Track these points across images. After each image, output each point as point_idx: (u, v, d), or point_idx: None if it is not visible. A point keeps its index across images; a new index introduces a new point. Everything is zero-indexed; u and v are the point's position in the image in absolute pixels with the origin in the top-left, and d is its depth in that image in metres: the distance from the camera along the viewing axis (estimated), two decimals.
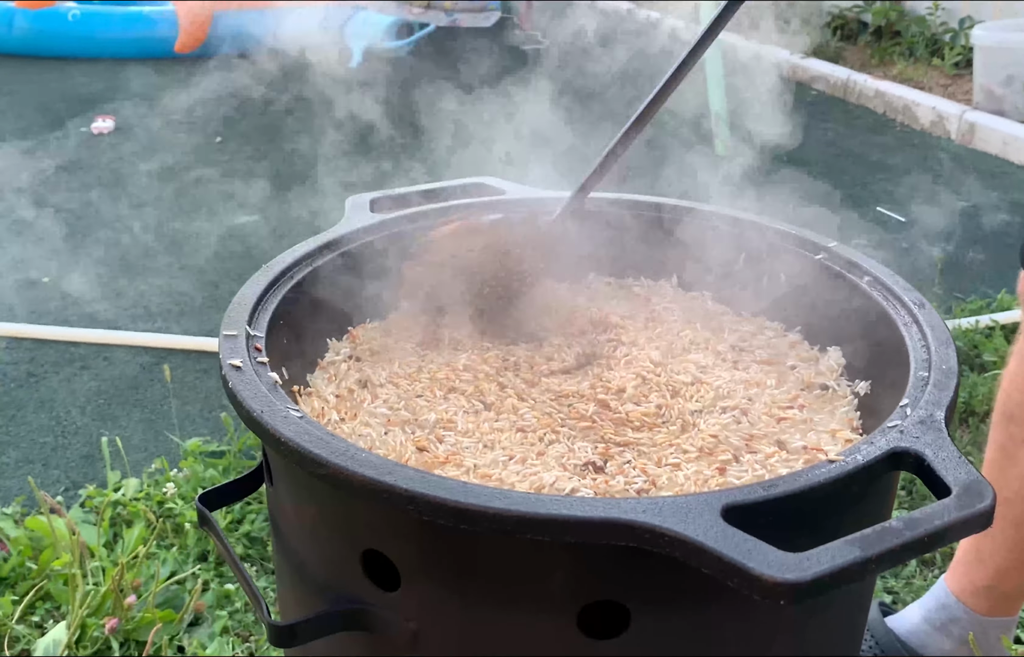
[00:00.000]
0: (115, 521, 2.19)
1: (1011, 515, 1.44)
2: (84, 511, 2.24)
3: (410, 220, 1.22)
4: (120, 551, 2.06)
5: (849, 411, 1.05)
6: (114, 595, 1.88)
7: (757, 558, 0.67)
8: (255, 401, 0.84)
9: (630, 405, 1.05)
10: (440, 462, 0.94)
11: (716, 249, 1.26)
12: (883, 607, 1.72)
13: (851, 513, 0.83)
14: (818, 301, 1.16)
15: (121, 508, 2.21)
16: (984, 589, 1.53)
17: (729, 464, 0.94)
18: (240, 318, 0.97)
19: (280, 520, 0.95)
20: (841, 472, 0.76)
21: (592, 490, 0.90)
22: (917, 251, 3.50)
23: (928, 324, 0.99)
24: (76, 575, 1.89)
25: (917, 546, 0.70)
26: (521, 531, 0.72)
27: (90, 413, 2.60)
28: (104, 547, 2.09)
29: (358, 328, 1.16)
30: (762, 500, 0.73)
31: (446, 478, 0.75)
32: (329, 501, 0.84)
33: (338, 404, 1.03)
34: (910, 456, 0.79)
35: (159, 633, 1.87)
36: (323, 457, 0.77)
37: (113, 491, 2.24)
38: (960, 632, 1.56)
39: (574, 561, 0.77)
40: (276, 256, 1.11)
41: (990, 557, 1.50)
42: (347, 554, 0.85)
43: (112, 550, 2.09)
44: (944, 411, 0.84)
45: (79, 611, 1.87)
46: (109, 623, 1.88)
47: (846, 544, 0.69)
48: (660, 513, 0.71)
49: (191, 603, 1.93)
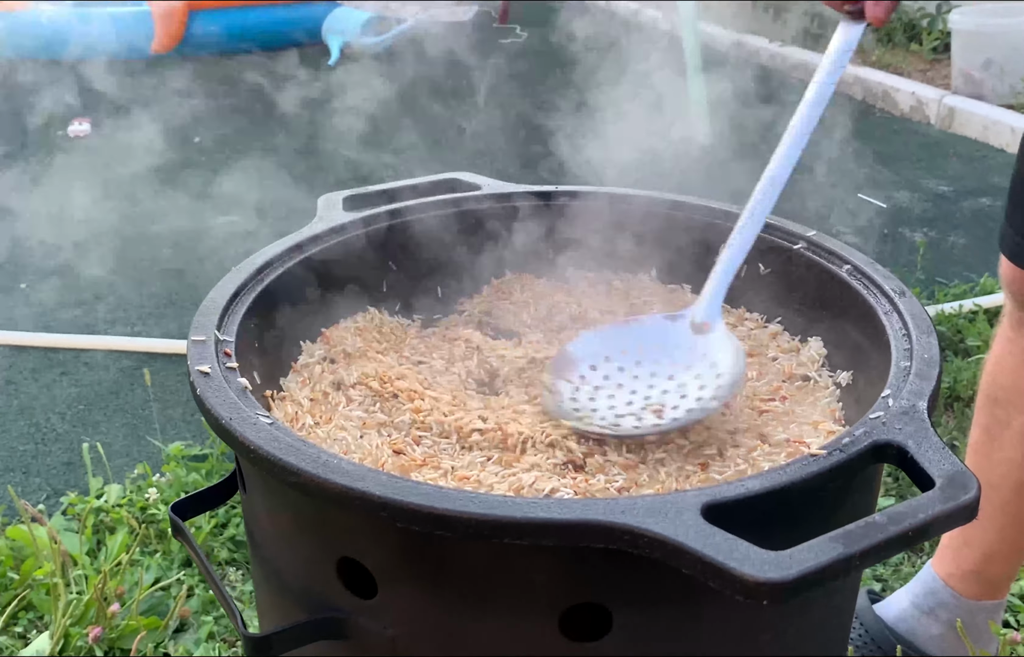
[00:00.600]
0: (98, 528, 2.16)
1: (997, 500, 1.43)
2: (66, 519, 2.22)
3: (384, 218, 1.20)
4: (103, 558, 2.04)
5: (831, 402, 1.03)
6: (97, 603, 1.86)
7: (739, 557, 0.65)
8: (224, 408, 0.82)
9: None
10: (417, 465, 0.92)
11: (695, 240, 1.25)
12: (871, 594, 1.71)
13: (834, 507, 0.82)
14: (798, 291, 1.15)
15: (104, 515, 2.19)
16: (972, 574, 1.52)
17: (712, 459, 0.93)
18: (209, 323, 0.95)
19: (255, 528, 0.93)
20: (823, 467, 0.75)
21: (572, 490, 0.89)
22: (899, 236, 3.50)
23: (909, 312, 0.97)
24: (58, 584, 1.87)
25: (901, 541, 0.69)
26: (498, 536, 0.70)
27: (70, 419, 2.57)
28: (87, 555, 2.07)
29: (331, 329, 1.14)
30: (743, 497, 0.72)
31: (420, 483, 0.73)
32: (302, 509, 0.82)
33: (312, 408, 1.01)
34: (892, 448, 0.78)
35: (143, 641, 1.85)
36: (293, 465, 0.75)
37: (95, 498, 2.22)
38: (948, 616, 1.55)
39: (554, 564, 0.75)
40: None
41: (977, 542, 1.49)
42: (322, 562, 0.83)
43: (95, 558, 2.07)
44: (927, 401, 0.82)
45: (62, 620, 1.85)
46: (92, 632, 1.86)
47: (830, 541, 0.67)
48: (639, 513, 0.70)
49: (176, 609, 1.91)
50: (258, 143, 4.35)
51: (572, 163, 1.44)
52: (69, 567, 1.98)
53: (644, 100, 1.60)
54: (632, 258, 1.28)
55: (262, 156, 4.20)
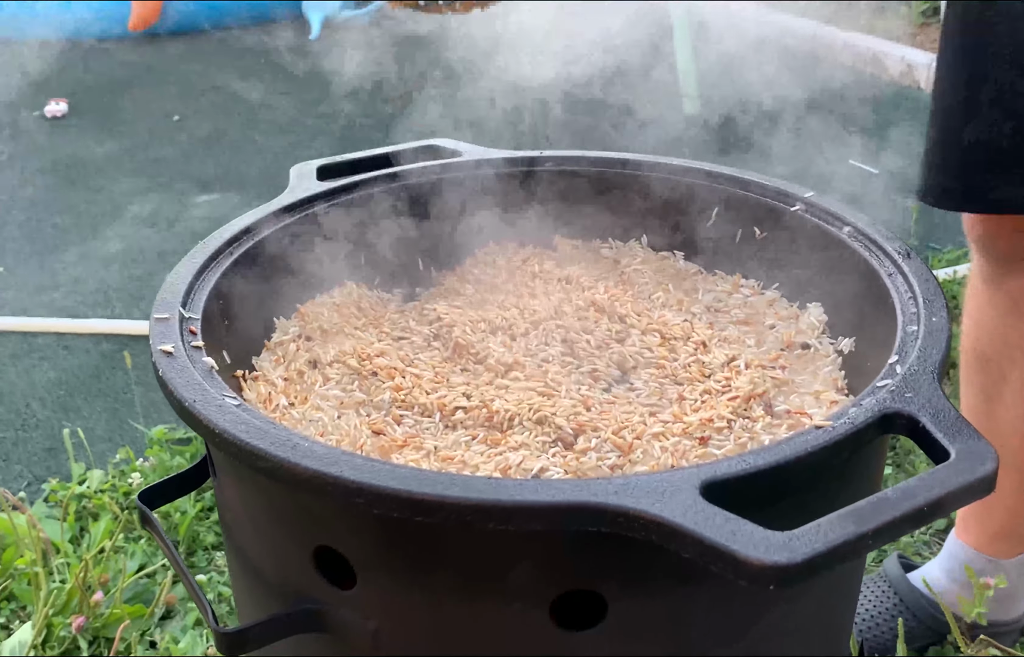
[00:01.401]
0: (80, 515, 2.13)
1: (1009, 458, 1.38)
2: (48, 506, 2.18)
3: (359, 187, 1.14)
4: (86, 546, 2.00)
5: (833, 371, 0.98)
6: (80, 592, 1.81)
7: (741, 539, 0.60)
8: (187, 390, 0.77)
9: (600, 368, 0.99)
10: (398, 446, 0.87)
11: (686, 205, 1.19)
12: (903, 560, 1.68)
13: (840, 482, 0.77)
14: (796, 255, 1.09)
15: (86, 501, 2.15)
16: (1000, 535, 1.49)
17: (711, 434, 0.88)
18: (173, 300, 0.89)
19: (227, 515, 0.88)
20: (829, 439, 0.70)
21: (562, 468, 0.84)
22: (891, 202, 3.45)
23: (915, 275, 0.92)
24: (39, 574, 1.83)
25: (915, 517, 0.64)
26: (482, 521, 0.65)
27: (51, 405, 2.52)
28: (70, 542, 2.03)
29: (307, 305, 1.08)
30: (744, 473, 0.67)
31: (398, 466, 0.68)
32: (274, 495, 0.77)
33: (286, 388, 0.96)
34: (902, 418, 0.73)
35: (128, 629, 1.81)
36: (261, 449, 0.70)
37: (77, 484, 2.18)
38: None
39: (544, 548, 0.70)
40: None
41: (997, 504, 1.45)
42: (297, 551, 0.78)
43: (78, 545, 2.02)
44: (937, 367, 0.77)
45: (44, 610, 1.81)
46: (76, 621, 1.82)
47: (839, 519, 0.63)
48: (633, 493, 0.64)
49: (161, 596, 1.87)
50: (238, 120, 4.27)
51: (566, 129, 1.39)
52: (51, 555, 1.94)
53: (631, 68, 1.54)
54: (621, 225, 1.23)
55: (243, 133, 4.12)
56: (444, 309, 1.10)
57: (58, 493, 2.16)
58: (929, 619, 1.65)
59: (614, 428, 0.88)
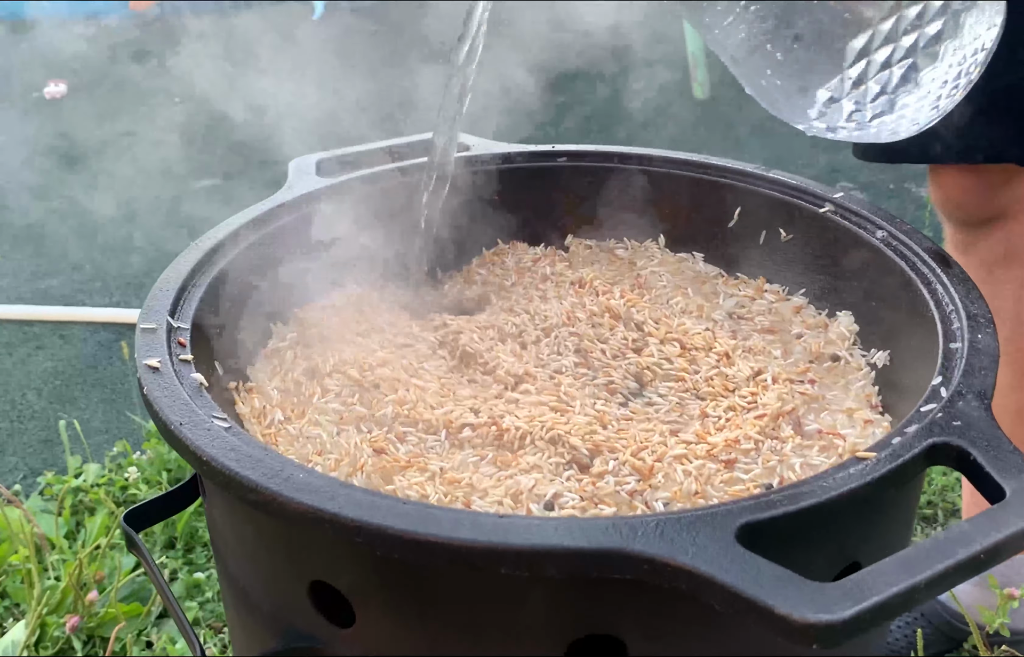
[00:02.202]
0: (76, 509, 2.09)
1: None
2: (44, 500, 2.14)
3: (362, 183, 1.08)
4: (82, 541, 1.96)
5: (866, 386, 0.92)
6: (74, 591, 1.77)
7: (783, 593, 0.54)
8: (173, 411, 0.71)
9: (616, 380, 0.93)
10: (401, 467, 0.81)
11: (707, 204, 1.13)
12: None
13: (879, 516, 0.71)
14: (824, 260, 1.03)
15: (82, 495, 2.11)
16: None
17: (737, 456, 0.81)
18: (161, 308, 0.83)
19: (218, 540, 0.82)
20: (874, 475, 0.64)
21: (578, 494, 0.78)
22: (904, 192, 3.38)
23: (955, 285, 0.86)
24: (33, 571, 1.78)
25: (970, 566, 0.58)
26: (493, 565, 0.59)
27: (47, 395, 2.48)
28: (65, 538, 1.99)
29: (305, 309, 1.02)
30: (783, 515, 0.61)
31: (400, 502, 0.62)
32: (267, 526, 0.71)
33: (283, 400, 0.90)
34: (951, 450, 0.67)
35: (123, 629, 1.76)
36: (252, 480, 0.64)
37: (73, 477, 2.14)
38: (1003, 581, 1.48)
39: (559, 591, 0.64)
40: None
41: None
42: (292, 585, 0.72)
43: (74, 540, 1.98)
44: (988, 393, 0.71)
45: (38, 609, 1.76)
46: (70, 621, 1.78)
47: (888, 570, 0.56)
48: (661, 537, 0.58)
49: (158, 595, 1.82)
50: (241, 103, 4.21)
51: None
52: (46, 551, 1.90)
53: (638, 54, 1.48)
54: (637, 224, 1.16)
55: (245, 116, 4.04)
56: (450, 314, 1.04)
57: (54, 487, 2.12)
58: (944, 625, 1.60)
59: (633, 449, 0.82)
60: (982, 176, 1.30)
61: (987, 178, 1.30)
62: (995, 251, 1.35)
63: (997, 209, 1.33)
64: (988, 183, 1.30)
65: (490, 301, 1.09)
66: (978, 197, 1.32)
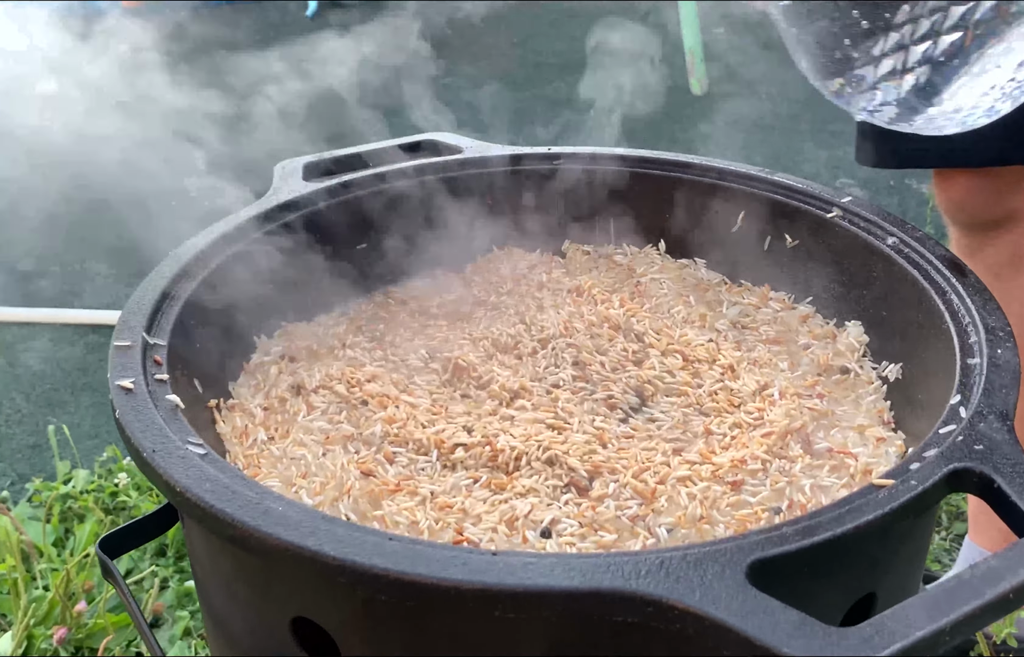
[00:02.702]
0: (65, 516, 2.04)
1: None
2: (32, 506, 2.10)
3: (349, 187, 1.03)
4: (71, 549, 1.92)
5: (878, 401, 0.88)
6: (62, 602, 1.73)
7: (798, 640, 0.50)
8: (146, 436, 0.66)
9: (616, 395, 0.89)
10: (390, 490, 0.77)
11: (709, 208, 1.09)
12: (924, 574, 1.60)
13: (895, 547, 0.67)
14: (831, 267, 0.99)
15: (71, 502, 2.06)
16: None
17: (745, 475, 0.77)
18: (136, 323, 0.79)
19: (197, 568, 0.78)
20: (893, 505, 0.59)
21: (576, 520, 0.74)
22: (905, 188, 3.34)
23: (972, 297, 0.82)
24: (19, 581, 1.74)
25: (1000, 606, 0.54)
26: (487, 608, 0.55)
27: (35, 399, 2.43)
28: (54, 545, 1.95)
29: (291, 325, 0.98)
30: (798, 550, 0.57)
31: (386, 537, 0.58)
32: (246, 560, 0.66)
33: (266, 419, 0.86)
34: (974, 476, 0.63)
35: (112, 641, 1.72)
36: (228, 514, 0.59)
37: (62, 484, 2.10)
38: None
39: (558, 630, 0.60)
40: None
41: None
42: (274, 620, 0.68)
43: (63, 548, 1.94)
44: (1011, 414, 0.67)
45: (25, 620, 1.72)
46: (57, 633, 1.74)
47: (911, 611, 0.52)
48: (667, 577, 0.54)
49: (148, 604, 1.78)
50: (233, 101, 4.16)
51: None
52: (34, 560, 1.86)
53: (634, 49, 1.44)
54: (637, 228, 1.12)
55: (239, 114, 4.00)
56: (443, 323, 1.00)
57: (42, 493, 2.08)
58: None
59: (634, 470, 0.78)
60: (990, 179, 1.27)
61: (995, 181, 1.27)
62: (1002, 256, 1.32)
63: (1004, 213, 1.29)
64: (996, 186, 1.27)
65: (484, 310, 1.05)
66: (985, 200, 1.29)
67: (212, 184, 1.30)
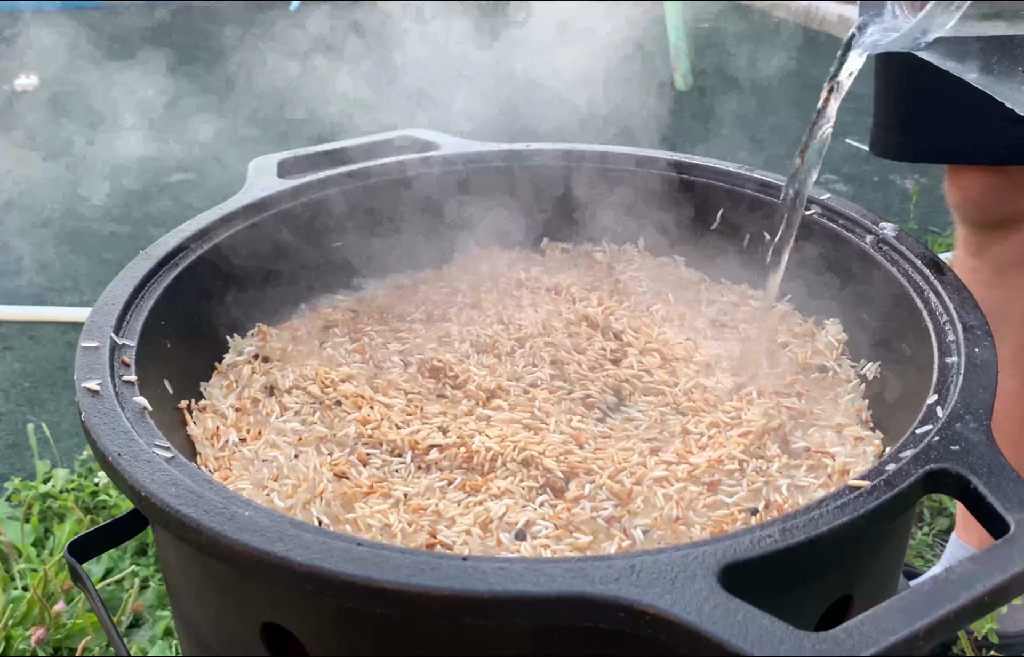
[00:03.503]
0: (45, 515, 2.03)
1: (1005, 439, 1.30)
2: (11, 506, 2.08)
3: (325, 185, 1.02)
4: (50, 549, 1.90)
5: (856, 399, 0.87)
6: (40, 602, 1.71)
7: (771, 646, 0.49)
8: (112, 439, 0.65)
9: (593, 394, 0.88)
10: (363, 493, 0.76)
11: (688, 205, 1.08)
12: (907, 570, 1.60)
13: (871, 548, 0.67)
14: (810, 264, 0.98)
15: (51, 501, 2.05)
16: None
17: (721, 477, 0.77)
18: (104, 324, 0.77)
19: (167, 572, 0.77)
20: (869, 507, 0.59)
21: (552, 521, 0.73)
22: (889, 184, 3.35)
23: (951, 295, 0.81)
24: None
25: (975, 609, 0.53)
26: (456, 615, 0.54)
27: (15, 397, 2.41)
28: (33, 545, 1.94)
29: (265, 320, 0.96)
30: (770, 553, 0.56)
31: (354, 543, 0.57)
32: (214, 565, 0.65)
33: (238, 419, 0.84)
34: (950, 477, 0.62)
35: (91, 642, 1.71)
36: (193, 519, 0.58)
37: (41, 483, 2.08)
38: None
39: (530, 638, 0.59)
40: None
41: None
42: (243, 626, 0.67)
43: (42, 548, 1.93)
44: (987, 414, 0.67)
45: (3, 620, 1.71)
46: (36, 633, 1.72)
47: (884, 615, 0.52)
48: (638, 582, 0.53)
49: (128, 604, 1.77)
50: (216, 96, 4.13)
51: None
52: (13, 559, 1.84)
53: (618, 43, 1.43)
54: (616, 226, 1.11)
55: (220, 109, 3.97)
56: (420, 324, 0.99)
57: (21, 492, 2.07)
58: None
59: (610, 471, 0.77)
60: (1004, 177, 1.27)
61: (1008, 179, 1.27)
62: (1009, 255, 1.32)
63: (1016, 211, 1.30)
64: (1009, 184, 1.27)
65: (462, 309, 1.04)
66: (998, 198, 1.29)
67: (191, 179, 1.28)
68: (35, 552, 1.92)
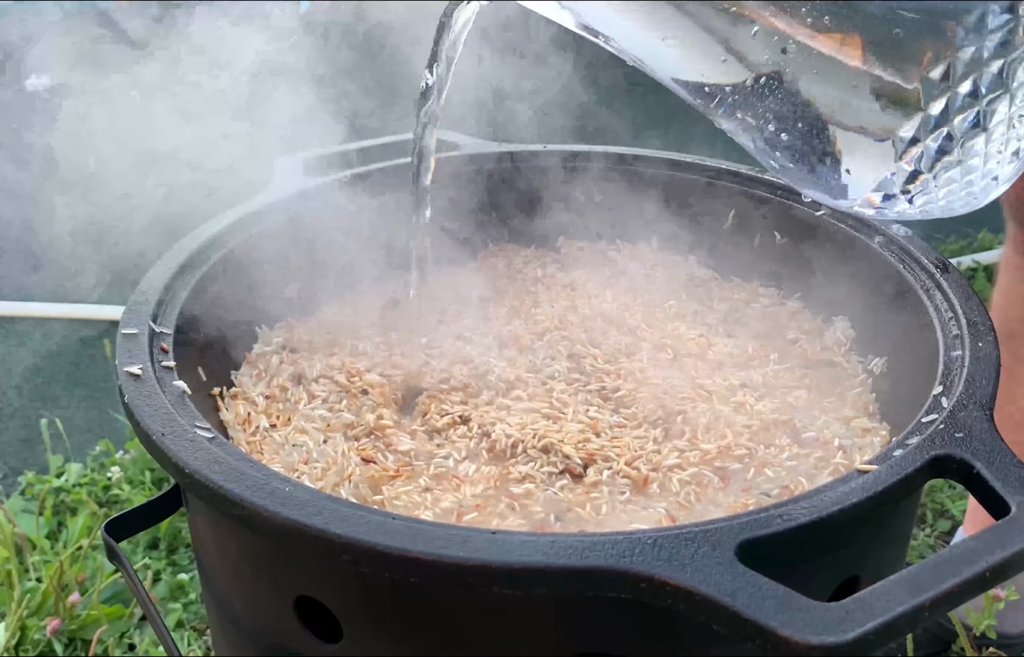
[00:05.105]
0: (58, 509, 2.06)
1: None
2: (25, 499, 2.12)
3: (351, 183, 1.05)
4: (63, 542, 1.94)
5: (863, 393, 0.90)
6: (55, 593, 1.74)
7: (785, 615, 0.53)
8: (155, 420, 0.68)
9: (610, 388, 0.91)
10: (390, 476, 0.79)
11: (701, 205, 1.11)
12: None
13: (878, 531, 0.70)
14: (820, 263, 1.01)
15: (64, 495, 2.08)
16: None
17: (733, 463, 0.80)
18: (143, 312, 0.81)
19: (200, 551, 0.80)
20: (877, 488, 0.62)
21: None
22: None
23: (955, 293, 0.84)
24: (13, 572, 1.76)
25: (977, 584, 0.56)
26: (484, 584, 0.57)
27: (28, 393, 2.44)
28: (47, 538, 1.97)
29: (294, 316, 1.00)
30: (785, 530, 0.59)
31: (389, 516, 0.60)
32: (251, 540, 0.69)
33: (268, 406, 0.88)
34: (954, 462, 0.65)
35: (105, 632, 1.74)
36: (236, 494, 0.61)
37: (55, 477, 2.12)
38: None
39: (553, 609, 0.63)
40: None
41: None
42: (277, 600, 0.70)
43: (55, 541, 1.96)
44: (989, 403, 0.70)
45: (18, 612, 1.74)
46: (51, 624, 1.75)
47: (891, 588, 0.55)
48: (658, 555, 0.57)
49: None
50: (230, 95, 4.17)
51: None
52: (27, 552, 1.87)
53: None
54: (631, 225, 1.15)
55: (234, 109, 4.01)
56: (442, 318, 1.02)
57: (35, 486, 2.10)
58: (933, 626, 1.60)
59: (627, 458, 0.80)
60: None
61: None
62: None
63: None
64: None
65: (482, 305, 1.07)
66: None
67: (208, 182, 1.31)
68: (49, 545, 1.95)
